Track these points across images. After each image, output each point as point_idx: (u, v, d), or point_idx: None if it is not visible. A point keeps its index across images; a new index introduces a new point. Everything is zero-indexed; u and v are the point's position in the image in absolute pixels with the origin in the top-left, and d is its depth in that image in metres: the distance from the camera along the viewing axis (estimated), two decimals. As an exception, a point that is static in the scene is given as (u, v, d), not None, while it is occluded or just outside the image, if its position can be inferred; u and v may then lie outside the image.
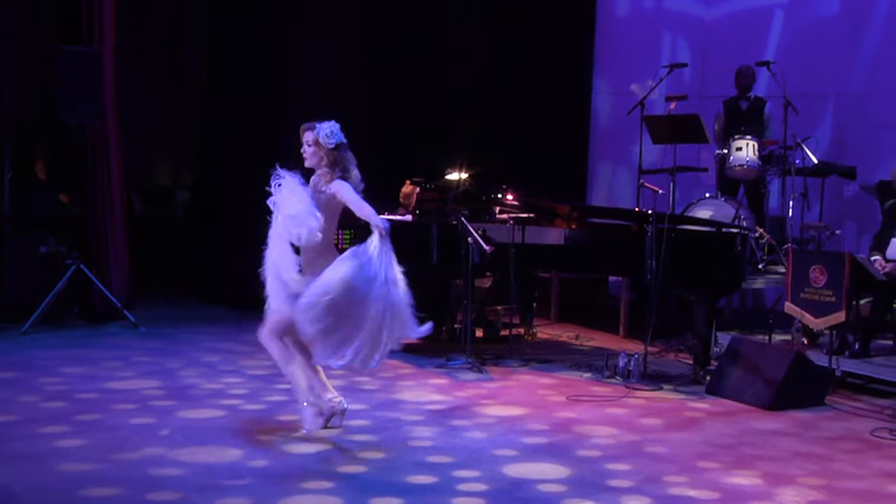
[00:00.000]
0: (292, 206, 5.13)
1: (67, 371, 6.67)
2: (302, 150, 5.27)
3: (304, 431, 5.32)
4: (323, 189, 5.21)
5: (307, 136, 5.25)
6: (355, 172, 5.30)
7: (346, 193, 5.15)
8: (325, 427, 5.35)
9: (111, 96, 8.60)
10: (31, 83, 8.57)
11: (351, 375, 6.75)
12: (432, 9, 10.73)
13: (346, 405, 5.41)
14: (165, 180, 11.32)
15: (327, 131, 5.21)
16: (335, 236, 5.49)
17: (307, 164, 5.28)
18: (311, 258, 5.17)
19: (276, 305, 5.22)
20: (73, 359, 7.02)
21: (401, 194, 8.32)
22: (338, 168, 5.20)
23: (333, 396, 5.37)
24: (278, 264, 5.18)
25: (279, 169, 5.19)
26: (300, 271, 5.18)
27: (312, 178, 5.29)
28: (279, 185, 5.18)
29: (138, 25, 9.23)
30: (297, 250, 5.20)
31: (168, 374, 6.65)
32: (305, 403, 5.33)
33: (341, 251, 9.81)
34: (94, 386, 6.28)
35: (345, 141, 5.28)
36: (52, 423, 5.34)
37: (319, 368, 5.38)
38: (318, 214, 5.13)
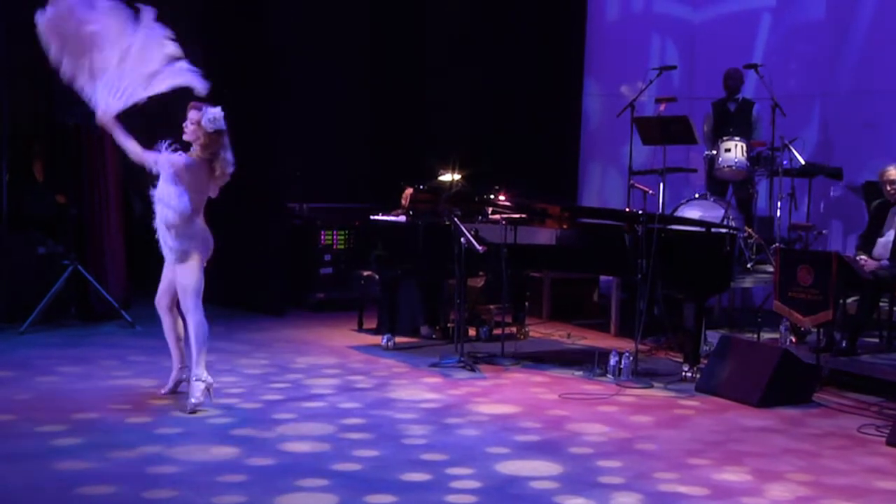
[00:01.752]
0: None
1: (65, 370, 6.71)
2: (184, 125, 5.66)
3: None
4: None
5: (192, 115, 5.64)
6: (228, 156, 5.76)
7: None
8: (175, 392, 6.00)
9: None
10: (27, 84, 8.58)
11: (345, 375, 6.83)
12: (426, 11, 10.81)
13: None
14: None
15: (211, 116, 5.61)
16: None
17: (185, 138, 5.68)
18: (181, 230, 5.67)
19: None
20: (70, 358, 7.06)
21: (402, 198, 8.38)
22: (208, 151, 5.65)
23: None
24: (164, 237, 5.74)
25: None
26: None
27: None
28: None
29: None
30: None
31: (164, 373, 6.65)
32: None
33: (336, 252, 9.92)
34: (91, 385, 6.32)
35: (224, 128, 5.68)
36: (50, 422, 5.37)
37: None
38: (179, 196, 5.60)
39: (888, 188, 7.13)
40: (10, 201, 8.42)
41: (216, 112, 5.64)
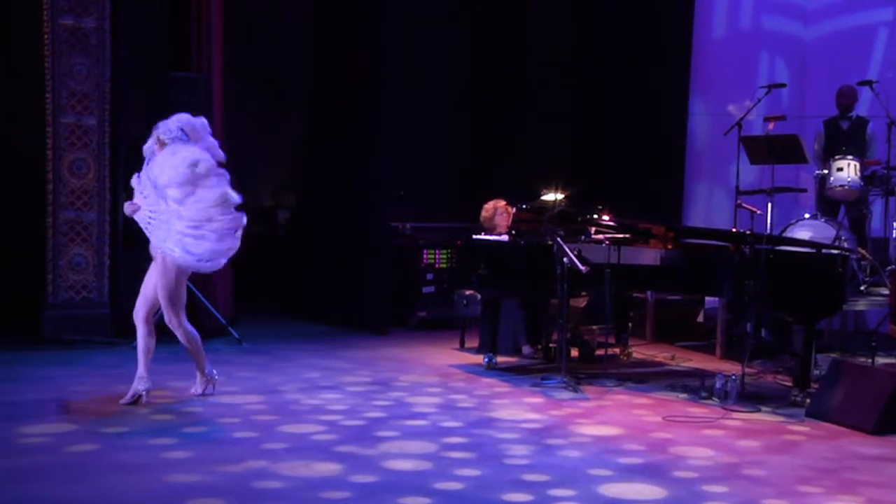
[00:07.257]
0: None
1: (175, 385, 6.88)
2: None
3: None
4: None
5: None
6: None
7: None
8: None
9: (218, 121, 8.84)
10: (142, 104, 8.88)
11: (447, 394, 6.85)
12: (528, 33, 10.85)
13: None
14: (268, 201, 11.64)
15: (162, 129, 6.39)
16: None
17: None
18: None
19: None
20: (179, 373, 7.22)
21: (481, 217, 8.41)
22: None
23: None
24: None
25: None
26: None
27: None
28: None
29: (242, 52, 9.53)
30: None
31: (270, 390, 6.82)
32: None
33: (438, 271, 9.99)
34: (200, 400, 6.49)
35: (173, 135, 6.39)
36: (161, 436, 5.53)
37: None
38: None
39: None
40: (125, 221, 8.70)
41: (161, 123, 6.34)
